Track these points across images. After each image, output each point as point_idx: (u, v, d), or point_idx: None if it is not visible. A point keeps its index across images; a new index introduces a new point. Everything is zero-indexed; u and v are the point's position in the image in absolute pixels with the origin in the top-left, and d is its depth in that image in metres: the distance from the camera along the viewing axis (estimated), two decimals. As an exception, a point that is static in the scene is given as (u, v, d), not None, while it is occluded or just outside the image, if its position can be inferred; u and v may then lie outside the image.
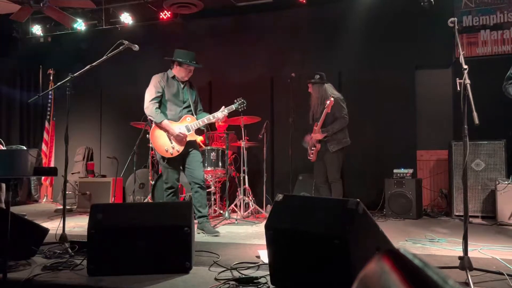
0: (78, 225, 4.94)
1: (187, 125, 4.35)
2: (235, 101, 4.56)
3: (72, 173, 7.41)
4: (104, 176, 7.36)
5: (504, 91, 3.39)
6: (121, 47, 3.94)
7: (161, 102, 4.37)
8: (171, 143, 4.30)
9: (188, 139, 4.34)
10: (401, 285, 0.52)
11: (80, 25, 7.33)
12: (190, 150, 4.39)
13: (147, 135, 5.85)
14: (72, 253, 3.22)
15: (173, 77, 4.43)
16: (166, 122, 4.27)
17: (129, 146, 6.87)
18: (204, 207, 4.45)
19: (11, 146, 5.46)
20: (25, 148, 5.17)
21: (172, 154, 4.31)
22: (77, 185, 6.79)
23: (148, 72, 4.64)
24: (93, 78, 7.08)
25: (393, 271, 0.55)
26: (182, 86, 4.46)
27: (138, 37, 5.59)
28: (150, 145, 4.44)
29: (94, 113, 8.05)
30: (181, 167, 4.49)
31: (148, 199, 5.85)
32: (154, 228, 2.82)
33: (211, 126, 6.37)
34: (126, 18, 7.10)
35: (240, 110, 4.61)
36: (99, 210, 2.87)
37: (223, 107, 4.46)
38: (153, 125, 4.38)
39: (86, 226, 2.77)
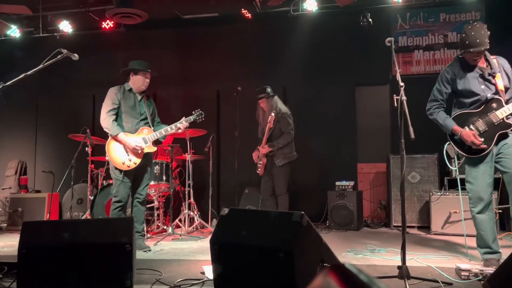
0: (7, 244, 4.61)
1: (144, 137, 4.31)
2: (193, 112, 4.60)
3: (3, 188, 6.93)
4: (38, 191, 6.96)
5: (429, 115, 3.49)
6: (59, 56, 3.75)
7: (117, 114, 4.30)
8: (128, 155, 4.23)
9: (145, 151, 4.30)
10: None
11: (14, 31, 6.94)
12: (145, 163, 4.37)
13: (86, 148, 5.63)
14: (0, 276, 2.99)
15: (130, 89, 4.39)
16: (122, 136, 4.20)
17: (66, 160, 6.55)
18: (141, 224, 4.44)
19: None
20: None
21: (129, 167, 4.23)
22: (8, 201, 6.36)
23: (89, 83, 4.49)
24: (29, 88, 6.72)
25: (339, 286, 0.55)
26: (139, 98, 4.41)
27: (78, 47, 5.36)
28: (106, 158, 4.31)
29: (29, 125, 7.62)
30: (133, 182, 4.39)
31: (87, 215, 5.57)
32: (93, 246, 2.68)
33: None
34: (66, 26, 6.81)
35: (198, 121, 4.63)
36: (31, 228, 2.69)
37: (183, 117, 4.48)
38: (109, 138, 4.28)
39: (17, 246, 2.58)
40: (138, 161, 4.26)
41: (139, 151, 4.25)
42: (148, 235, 5.12)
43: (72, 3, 6.64)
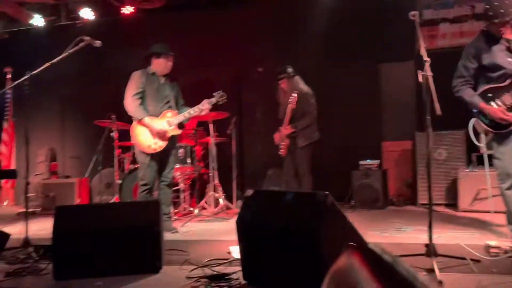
0: (42, 228, 4.77)
1: (168, 120, 4.33)
2: (214, 94, 4.55)
3: (35, 175, 7.15)
4: (68, 177, 7.15)
5: (455, 92, 3.40)
6: (81, 44, 3.82)
7: (142, 98, 4.32)
8: (154, 139, 4.27)
9: (170, 134, 4.32)
10: (371, 281, 0.52)
11: (38, 21, 7.06)
12: (171, 146, 4.40)
13: (112, 134, 5.74)
14: (37, 258, 3.11)
15: (153, 73, 4.39)
16: (147, 119, 4.24)
17: (93, 146, 6.71)
18: (168, 206, 4.50)
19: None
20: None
21: (155, 150, 4.27)
22: (40, 186, 6.57)
23: (111, 69, 4.55)
24: (55, 75, 6.84)
25: (362, 266, 0.55)
26: (162, 81, 4.43)
27: (99, 33, 5.41)
28: (134, 141, 4.37)
29: (56, 112, 7.81)
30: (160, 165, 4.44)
31: (115, 199, 5.72)
32: (122, 229, 2.76)
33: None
34: (87, 13, 6.88)
35: (220, 103, 4.58)
36: (64, 212, 2.79)
37: (205, 100, 4.45)
38: (134, 121, 4.32)
39: (51, 229, 2.68)
40: (163, 144, 4.30)
41: (165, 134, 4.28)
42: (175, 217, 5.23)
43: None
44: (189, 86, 6.92)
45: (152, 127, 4.24)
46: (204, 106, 4.42)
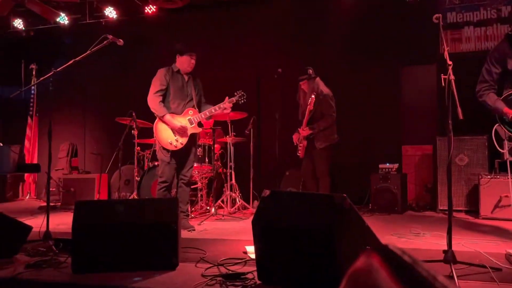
0: (62, 222, 4.87)
1: (190, 118, 4.38)
2: (235, 93, 4.58)
3: (56, 170, 7.29)
4: (88, 172, 7.28)
5: (479, 97, 3.35)
6: (105, 42, 3.88)
7: (165, 95, 4.38)
8: (175, 136, 4.32)
9: (190, 132, 4.37)
10: (390, 282, 0.52)
11: (63, 19, 7.20)
12: (191, 144, 4.44)
13: (132, 131, 5.82)
14: (57, 251, 3.17)
15: (178, 71, 4.44)
16: (168, 117, 4.29)
17: (114, 142, 6.80)
18: (185, 204, 4.53)
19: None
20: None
21: (176, 147, 4.32)
22: (61, 182, 6.69)
23: (133, 67, 4.60)
24: (77, 73, 6.97)
25: (382, 267, 0.55)
26: (186, 79, 4.47)
27: (123, 32, 5.51)
28: (155, 138, 4.44)
29: (78, 109, 7.95)
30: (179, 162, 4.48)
31: (134, 195, 5.80)
32: (140, 225, 2.79)
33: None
34: (111, 12, 7.00)
35: (241, 102, 4.62)
36: (83, 207, 2.84)
37: (226, 98, 4.50)
38: (156, 119, 4.38)
39: (71, 224, 2.73)
40: (184, 141, 4.33)
41: (186, 131, 4.32)
42: (192, 215, 5.27)
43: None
44: (209, 84, 6.95)
45: (173, 125, 4.28)
46: (226, 105, 4.46)
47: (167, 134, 4.32)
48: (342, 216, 2.17)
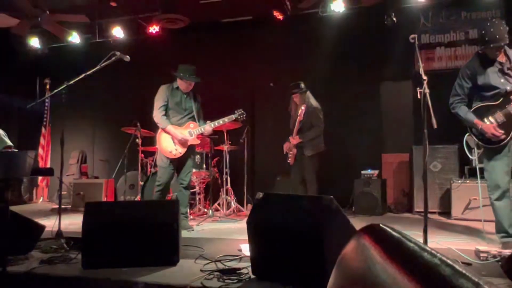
0: (72, 222, 4.83)
1: (190, 131, 4.43)
2: (235, 111, 4.67)
3: (67, 175, 7.23)
4: (96, 177, 7.23)
5: (452, 109, 3.38)
6: (113, 58, 3.89)
7: (167, 109, 4.45)
8: (175, 145, 4.35)
9: (190, 143, 4.42)
10: (381, 258, 0.53)
11: (75, 38, 7.20)
12: (189, 153, 4.47)
13: (137, 140, 5.80)
14: (68, 248, 3.15)
15: (177, 88, 4.49)
16: (170, 128, 4.36)
17: (120, 150, 6.77)
18: (185, 206, 4.53)
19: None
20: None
21: (175, 156, 4.37)
22: (71, 186, 6.65)
23: (138, 81, 4.61)
24: (88, 86, 6.94)
25: (372, 245, 0.55)
26: (185, 96, 4.50)
27: (129, 49, 5.49)
28: (158, 146, 4.46)
29: (87, 119, 7.92)
30: (176, 169, 4.51)
31: (138, 198, 5.76)
32: (144, 225, 2.78)
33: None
34: (118, 32, 7.01)
35: (240, 120, 4.72)
36: (93, 208, 2.82)
37: (226, 117, 4.59)
38: (160, 129, 4.45)
39: (80, 224, 2.72)
40: (183, 151, 4.38)
41: (185, 142, 4.37)
42: (191, 217, 5.25)
43: (124, 11, 6.81)
44: (208, 98, 6.97)
45: (175, 135, 4.33)
46: (224, 121, 4.57)
47: (168, 144, 4.38)
48: (329, 216, 2.18)
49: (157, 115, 4.41)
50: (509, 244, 3.13)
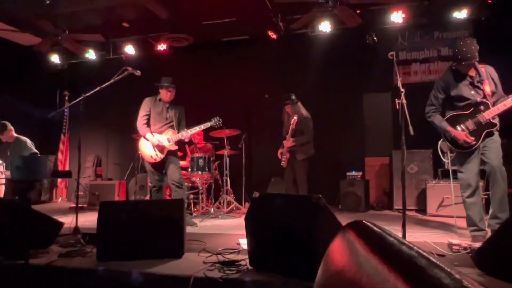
0: (88, 220, 4.80)
1: (168, 137, 4.37)
2: (212, 119, 4.57)
3: (84, 177, 7.20)
4: (110, 179, 7.19)
5: (428, 118, 3.39)
6: (125, 72, 3.89)
7: (149, 118, 4.42)
8: (155, 151, 4.32)
9: (168, 148, 4.36)
10: (365, 250, 0.53)
11: (91, 54, 7.20)
12: (169, 157, 4.39)
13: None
14: (84, 243, 3.13)
15: (160, 99, 4.47)
16: (148, 135, 4.35)
17: (131, 155, 6.76)
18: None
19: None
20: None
21: (155, 160, 4.33)
22: (87, 187, 6.61)
23: (146, 94, 4.62)
24: (102, 98, 6.92)
25: (356, 239, 0.56)
26: (166, 106, 4.46)
27: (139, 65, 5.50)
28: (139, 152, 4.44)
29: (102, 127, 7.89)
30: (164, 171, 4.44)
31: (147, 198, 5.73)
32: (153, 221, 2.76)
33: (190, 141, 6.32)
34: (130, 49, 7.01)
35: (216, 126, 4.62)
36: (106, 206, 2.80)
37: (202, 124, 4.47)
38: (141, 137, 4.43)
39: (95, 220, 2.70)
40: (162, 156, 4.34)
41: (163, 148, 4.33)
42: (195, 214, 5.22)
43: (135, 31, 6.83)
44: (209, 108, 7.00)
45: (152, 141, 4.31)
46: (201, 127, 4.45)
47: (148, 150, 4.36)
48: (317, 212, 2.17)
49: (138, 124, 4.39)
50: (479, 237, 3.13)
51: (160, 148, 4.32)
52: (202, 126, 4.47)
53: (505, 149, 3.24)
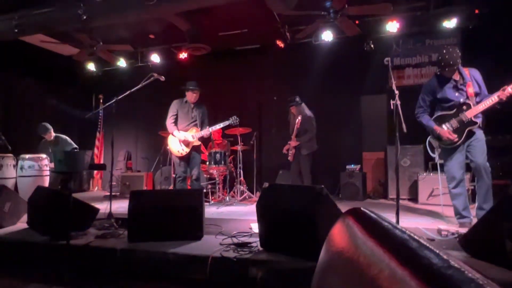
0: (121, 206, 4.87)
1: (192, 134, 4.44)
2: (230, 118, 4.65)
3: (116, 169, 7.31)
4: (139, 171, 7.28)
5: (417, 118, 3.34)
6: (151, 78, 3.93)
7: (177, 118, 4.49)
8: (181, 146, 4.37)
9: (192, 144, 4.43)
10: (362, 234, 0.53)
11: (122, 62, 7.28)
12: (193, 153, 4.46)
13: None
14: (117, 226, 3.19)
15: (186, 101, 4.53)
16: (175, 132, 4.43)
17: (157, 149, 6.83)
18: None
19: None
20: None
21: (182, 154, 4.40)
22: (119, 178, 6.71)
23: (170, 97, 4.67)
24: (131, 100, 7.00)
25: (355, 224, 0.56)
26: (192, 107, 4.53)
27: (163, 71, 5.54)
28: (168, 147, 4.52)
29: (132, 126, 7.98)
30: (188, 165, 4.51)
31: (171, 188, 5.79)
32: (176, 208, 2.80)
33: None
34: (155, 58, 7.06)
35: (234, 124, 4.66)
36: (136, 195, 2.85)
37: (222, 122, 4.57)
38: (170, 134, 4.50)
39: (127, 207, 2.75)
40: (188, 150, 4.41)
41: (188, 144, 4.40)
42: (212, 202, 5.26)
43: (160, 42, 6.88)
44: (224, 108, 7.03)
45: (179, 137, 4.38)
46: (220, 126, 4.56)
47: (175, 145, 4.43)
48: (320, 201, 2.17)
49: (167, 123, 4.49)
50: (465, 224, 3.09)
51: (185, 143, 4.40)
52: (222, 124, 4.55)
53: (489, 145, 3.17)
